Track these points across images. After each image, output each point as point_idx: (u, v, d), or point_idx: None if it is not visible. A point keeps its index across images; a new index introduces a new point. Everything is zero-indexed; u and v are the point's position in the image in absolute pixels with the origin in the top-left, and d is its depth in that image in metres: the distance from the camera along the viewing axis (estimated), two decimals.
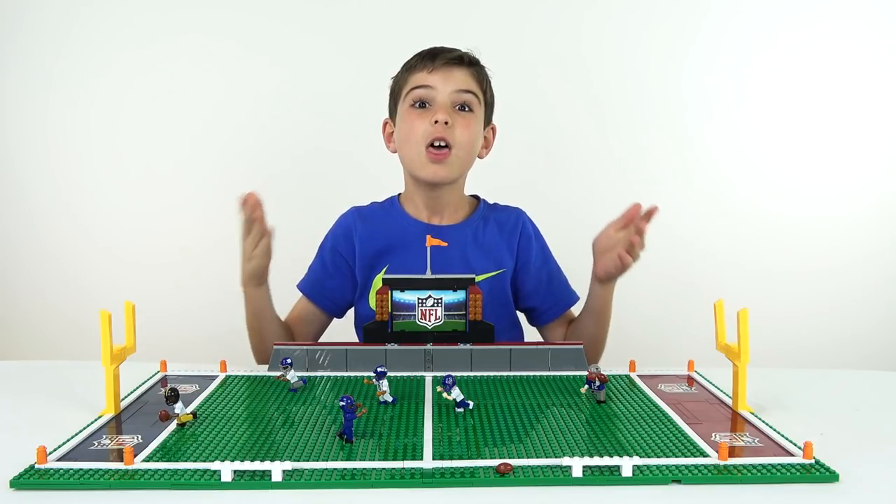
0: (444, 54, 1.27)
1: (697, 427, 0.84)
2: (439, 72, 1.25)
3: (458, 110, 1.26)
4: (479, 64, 1.31)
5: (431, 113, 1.24)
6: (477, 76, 1.29)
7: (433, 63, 1.26)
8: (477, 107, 1.28)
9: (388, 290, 1.07)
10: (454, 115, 1.25)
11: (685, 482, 0.71)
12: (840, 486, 0.71)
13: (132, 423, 0.86)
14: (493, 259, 1.31)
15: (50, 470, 0.71)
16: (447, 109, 1.24)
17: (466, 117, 1.26)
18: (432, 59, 1.26)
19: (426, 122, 1.24)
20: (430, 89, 1.25)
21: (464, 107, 1.26)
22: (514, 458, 0.75)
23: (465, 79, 1.27)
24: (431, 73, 1.25)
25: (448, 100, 1.25)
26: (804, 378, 1.09)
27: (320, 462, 0.74)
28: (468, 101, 1.26)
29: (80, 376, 1.04)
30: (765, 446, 0.78)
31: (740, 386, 0.90)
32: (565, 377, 1.05)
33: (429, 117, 1.24)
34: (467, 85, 1.26)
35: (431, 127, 1.23)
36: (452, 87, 1.25)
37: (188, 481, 0.69)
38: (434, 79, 1.25)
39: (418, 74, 1.26)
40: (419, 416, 0.88)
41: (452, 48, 1.29)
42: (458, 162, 1.26)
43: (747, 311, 0.88)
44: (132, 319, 0.92)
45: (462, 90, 1.25)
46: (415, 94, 1.26)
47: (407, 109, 1.27)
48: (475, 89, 1.28)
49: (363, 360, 1.06)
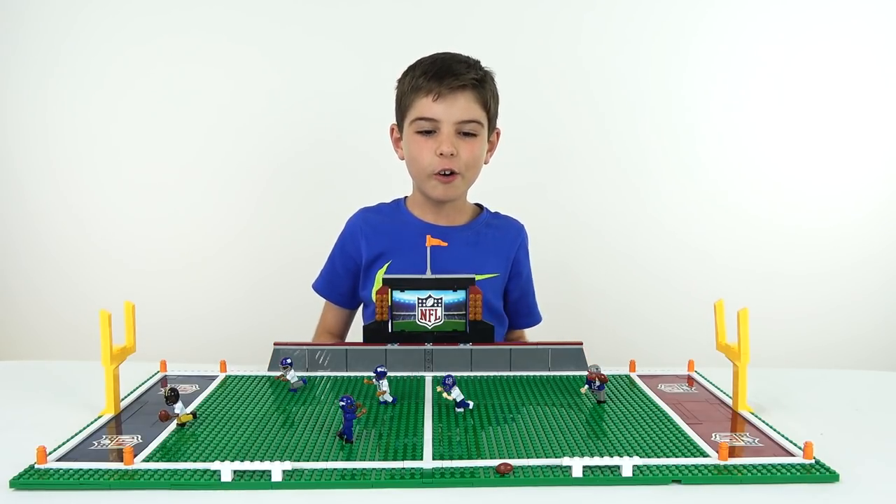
0: (448, 80, 1.24)
1: (697, 427, 0.84)
2: (444, 100, 1.24)
3: (462, 136, 1.26)
4: (485, 80, 1.29)
5: (437, 142, 1.24)
6: (482, 98, 1.27)
7: (439, 87, 1.24)
8: (481, 128, 1.28)
9: (388, 290, 1.07)
10: (459, 142, 1.25)
11: (685, 482, 0.71)
12: (840, 486, 0.71)
13: (132, 423, 0.85)
14: (490, 262, 1.33)
15: (50, 470, 0.71)
16: (451, 140, 1.24)
17: (471, 142, 1.27)
18: (439, 81, 1.24)
19: (432, 150, 1.25)
20: (435, 121, 1.25)
21: (469, 132, 1.26)
22: (514, 458, 0.75)
23: (469, 106, 1.25)
24: (436, 101, 1.24)
25: (452, 129, 1.25)
26: (804, 378, 1.09)
27: (320, 462, 0.74)
28: (473, 129, 1.26)
29: (79, 376, 1.04)
30: (765, 446, 0.78)
31: (740, 386, 0.90)
32: (565, 377, 1.05)
33: (434, 146, 1.24)
34: (471, 114, 1.25)
35: (437, 158, 1.24)
36: (457, 118, 1.24)
37: (188, 481, 0.69)
38: (438, 110, 1.24)
39: (423, 101, 1.25)
40: (419, 416, 0.87)
41: (458, 64, 1.26)
42: (465, 183, 1.30)
43: (747, 311, 0.88)
44: (132, 319, 0.92)
45: (466, 120, 1.25)
46: (419, 124, 1.26)
47: (413, 134, 1.28)
48: (479, 116, 1.27)
49: (363, 360, 1.06)
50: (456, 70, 1.25)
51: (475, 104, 1.26)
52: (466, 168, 1.27)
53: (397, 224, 1.35)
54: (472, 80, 1.25)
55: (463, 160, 1.25)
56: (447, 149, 1.23)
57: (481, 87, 1.27)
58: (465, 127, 1.25)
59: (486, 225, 1.37)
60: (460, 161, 1.25)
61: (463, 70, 1.25)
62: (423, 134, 1.26)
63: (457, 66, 1.26)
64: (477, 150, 1.28)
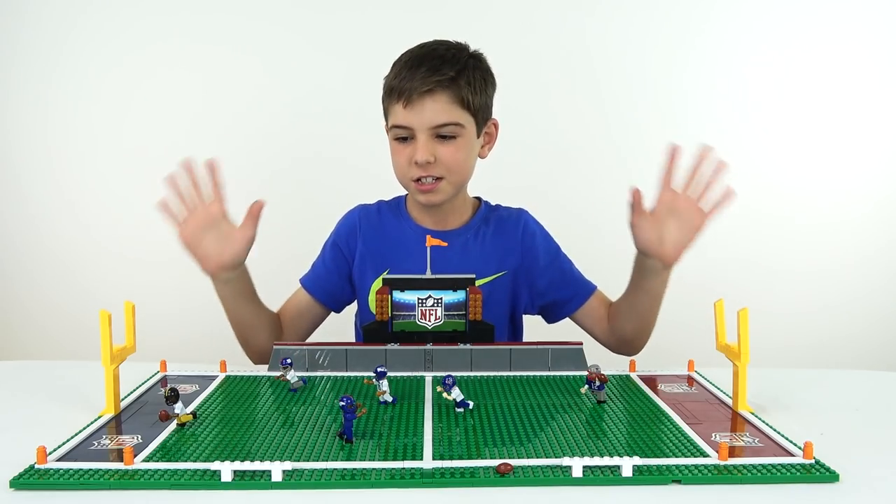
0: (416, 83, 1.16)
1: (697, 427, 0.84)
2: (414, 107, 1.16)
3: (440, 139, 1.19)
4: (464, 73, 1.19)
5: (412, 149, 1.18)
6: (458, 96, 1.18)
7: (410, 92, 1.16)
8: (462, 129, 1.20)
9: (388, 290, 1.07)
10: (436, 146, 1.18)
11: (685, 482, 0.70)
12: (840, 486, 0.70)
13: (132, 424, 0.85)
14: (493, 262, 1.29)
15: (50, 470, 0.71)
16: (427, 146, 1.17)
17: (452, 144, 1.19)
18: (410, 83, 1.16)
19: (408, 158, 1.19)
20: (408, 129, 1.18)
21: (447, 135, 1.19)
22: (514, 458, 0.74)
23: (444, 109, 1.17)
24: (406, 108, 1.17)
25: (427, 135, 1.18)
26: (804, 378, 1.09)
27: (320, 462, 0.73)
28: (451, 132, 1.19)
29: (79, 376, 1.04)
30: (765, 446, 0.78)
31: (740, 386, 0.90)
32: (565, 377, 1.04)
33: (410, 154, 1.19)
34: (447, 116, 1.17)
35: (414, 166, 1.19)
36: (429, 124, 1.17)
37: (188, 481, 0.69)
38: (410, 117, 1.17)
39: (395, 107, 1.19)
40: (419, 417, 0.87)
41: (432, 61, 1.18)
42: (449, 187, 1.23)
43: (747, 310, 0.88)
44: (132, 319, 0.92)
45: (440, 125, 1.17)
46: (395, 131, 1.21)
47: (392, 142, 1.23)
48: (456, 117, 1.18)
49: (363, 360, 1.06)
50: (427, 69, 1.17)
51: (451, 105, 1.18)
52: (449, 172, 1.20)
53: (396, 226, 1.32)
54: (439, 81, 1.16)
55: (444, 165, 1.19)
56: (421, 157, 1.17)
57: (455, 83, 1.17)
58: (441, 130, 1.18)
59: (485, 222, 1.32)
60: (440, 166, 1.19)
61: (436, 66, 1.17)
62: (400, 141, 1.21)
63: (429, 64, 1.17)
64: (460, 153, 1.20)
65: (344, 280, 1.34)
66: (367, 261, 1.31)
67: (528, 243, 1.31)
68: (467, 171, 1.25)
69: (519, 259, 1.31)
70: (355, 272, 1.32)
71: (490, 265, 1.29)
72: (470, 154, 1.24)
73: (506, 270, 1.29)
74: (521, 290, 1.32)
